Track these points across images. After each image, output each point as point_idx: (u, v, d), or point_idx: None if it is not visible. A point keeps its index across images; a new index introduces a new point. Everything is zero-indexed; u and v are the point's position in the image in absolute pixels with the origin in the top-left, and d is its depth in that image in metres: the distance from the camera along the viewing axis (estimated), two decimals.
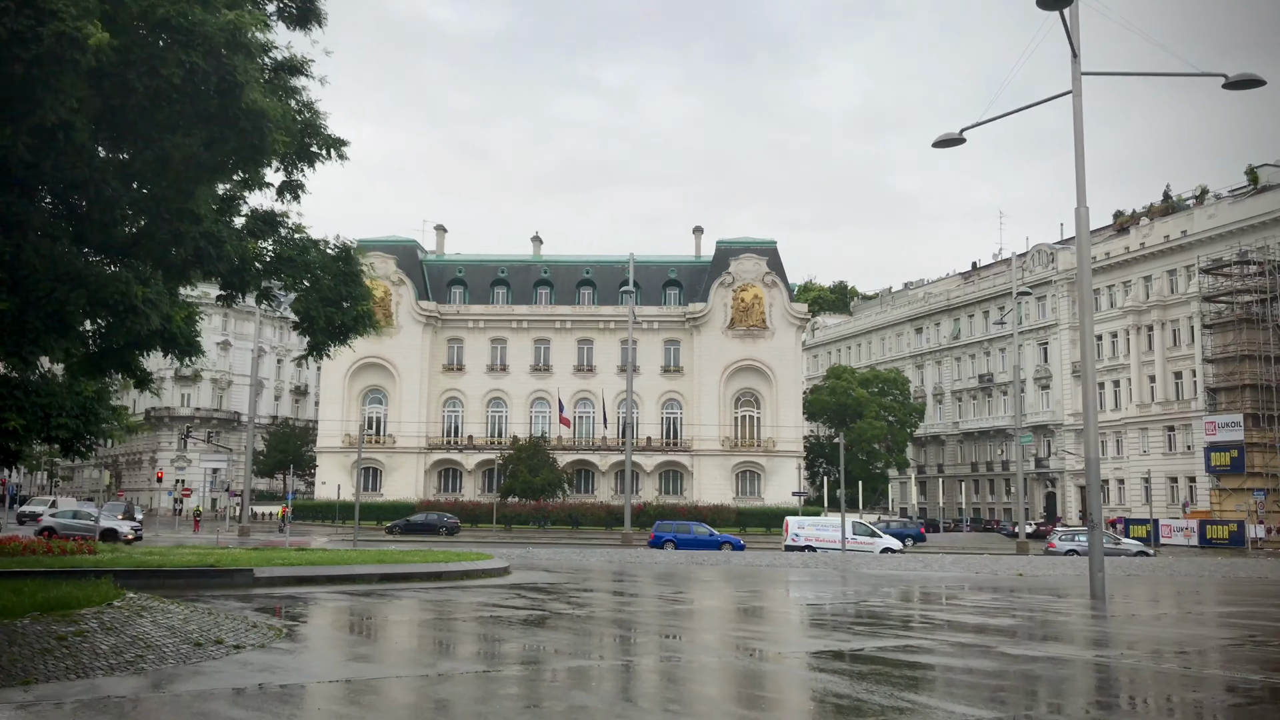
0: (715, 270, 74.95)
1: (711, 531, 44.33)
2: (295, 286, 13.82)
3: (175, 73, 8.71)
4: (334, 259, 13.88)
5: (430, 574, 23.53)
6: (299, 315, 13.93)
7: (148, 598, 12.82)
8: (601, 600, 19.64)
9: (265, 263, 13.69)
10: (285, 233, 13.90)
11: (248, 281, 13.48)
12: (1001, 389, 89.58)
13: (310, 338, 14.12)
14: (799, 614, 17.41)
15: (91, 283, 9.88)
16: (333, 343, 14.29)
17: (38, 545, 22.56)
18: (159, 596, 13.49)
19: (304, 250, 13.75)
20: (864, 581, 25.42)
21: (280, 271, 13.58)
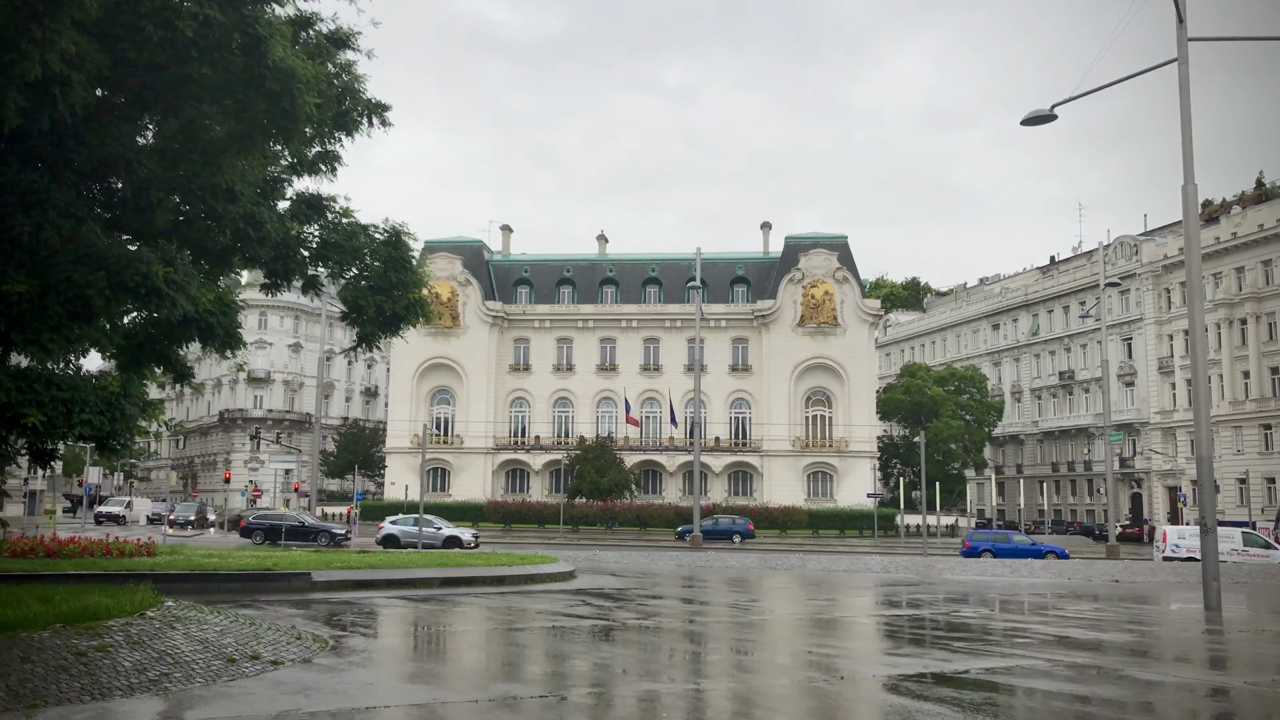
0: (784, 266, 73.32)
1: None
2: (343, 274, 12.92)
3: (189, 25, 7.82)
4: (383, 244, 12.94)
5: (493, 578, 22.62)
6: (347, 304, 13.03)
7: (187, 606, 12.01)
8: (671, 609, 18.49)
9: (311, 249, 12.81)
10: (332, 217, 13.02)
11: (292, 269, 12.61)
12: (1083, 386, 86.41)
13: (359, 328, 13.21)
14: (880, 625, 16.05)
15: (112, 264, 9.04)
16: (383, 333, 13.36)
17: (96, 547, 22.15)
18: (199, 605, 12.68)
19: (352, 235, 12.84)
20: (946, 588, 23.89)
21: (327, 258, 12.70)
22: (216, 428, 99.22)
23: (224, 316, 11.81)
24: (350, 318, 13.08)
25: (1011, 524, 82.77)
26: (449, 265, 74.99)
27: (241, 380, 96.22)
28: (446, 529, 40.52)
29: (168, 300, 9.20)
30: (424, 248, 78.14)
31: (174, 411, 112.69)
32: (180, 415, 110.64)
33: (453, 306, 74.57)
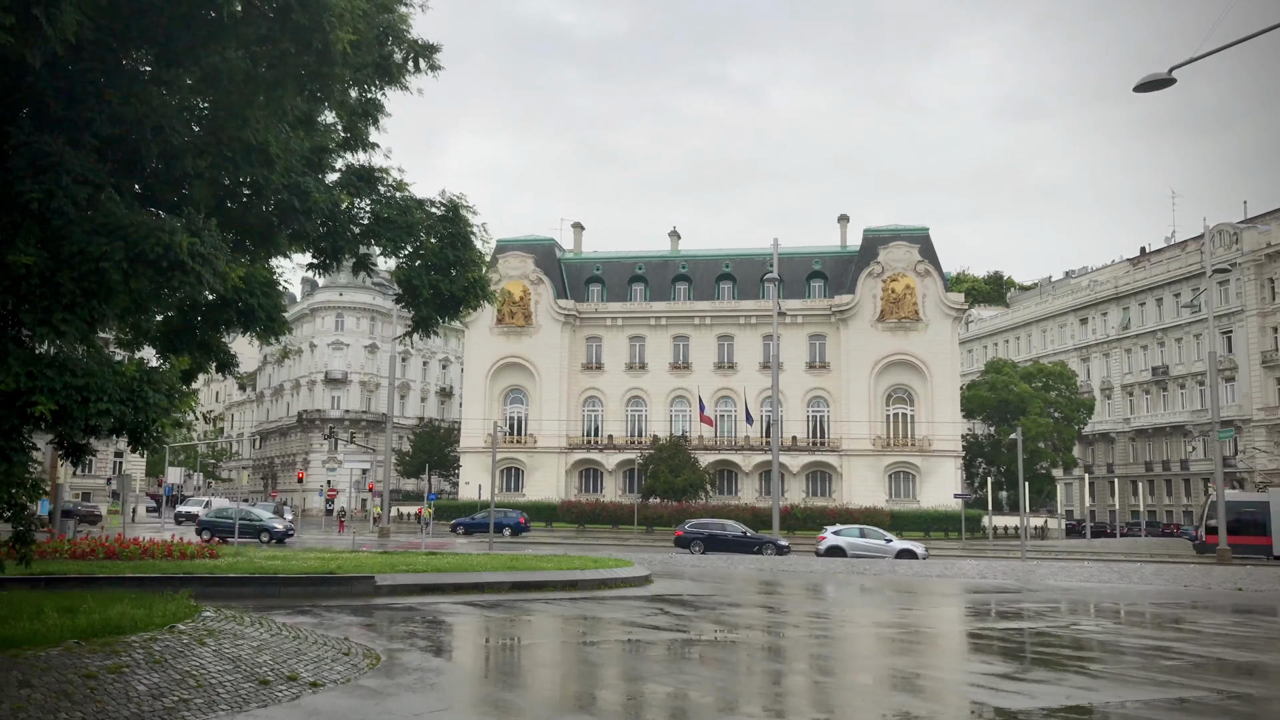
0: (862, 260, 71.07)
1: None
2: (397, 252, 11.75)
3: None
4: (440, 219, 11.74)
5: (565, 583, 21.41)
6: (401, 285, 11.85)
7: (227, 616, 10.95)
8: (755, 619, 17.02)
9: (362, 225, 11.65)
10: (385, 190, 11.85)
11: (341, 247, 11.47)
12: (1178, 382, 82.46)
13: (414, 311, 12.03)
14: (996, 642, 14.38)
15: (131, 234, 7.95)
16: (441, 316, 12.16)
17: (158, 549, 21.50)
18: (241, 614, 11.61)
19: (406, 210, 11.66)
20: (1051, 595, 21.99)
21: (379, 235, 11.53)
22: (295, 428, 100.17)
23: (265, 298, 10.71)
24: (405, 300, 11.92)
25: (1102, 525, 79.45)
26: (521, 264, 74.35)
27: (319, 381, 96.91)
28: (896, 542, 37.58)
29: (193, 275, 8.08)
30: (495, 246, 77.70)
31: (255, 414, 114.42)
32: (260, 417, 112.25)
33: (525, 305, 73.91)
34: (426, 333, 12.20)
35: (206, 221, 8.41)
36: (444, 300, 11.70)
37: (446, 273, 11.62)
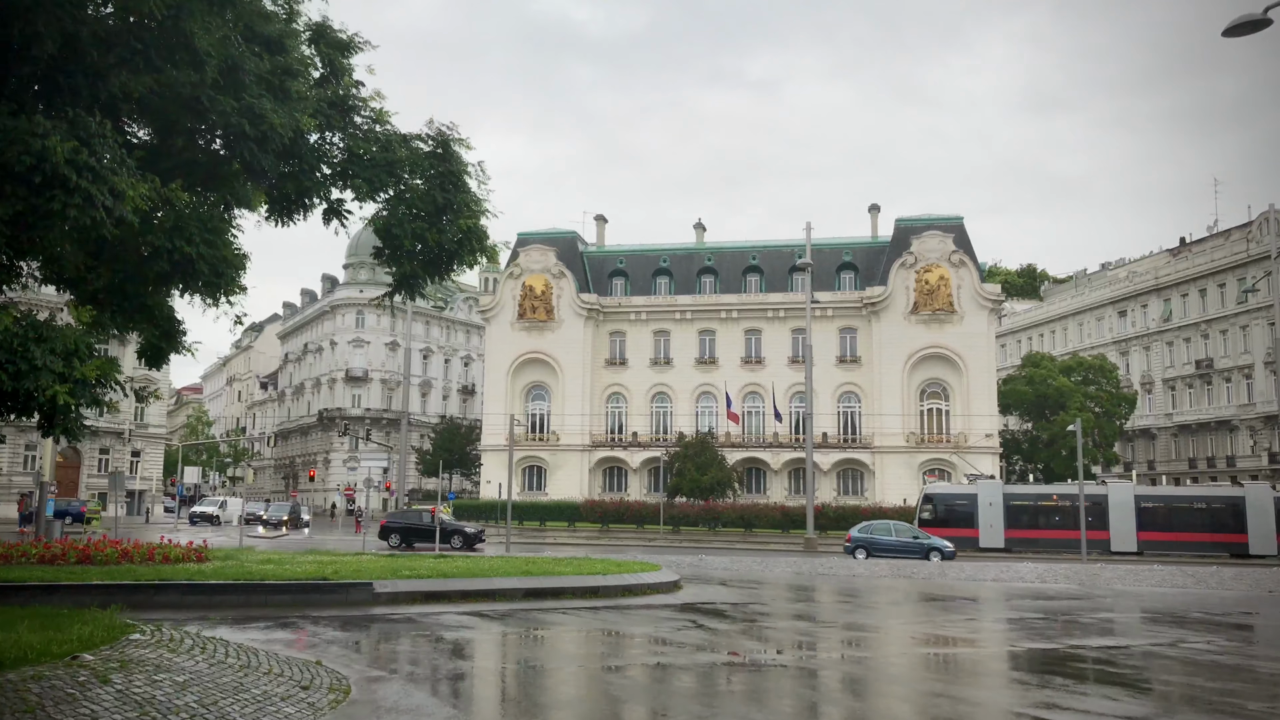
0: (894, 250, 68.54)
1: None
2: (374, 196, 9.71)
3: None
4: (428, 156, 9.69)
5: (586, 589, 19.32)
6: (380, 235, 9.85)
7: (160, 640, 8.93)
8: (802, 634, 14.87)
9: (333, 163, 9.60)
10: (362, 122, 9.81)
11: (308, 189, 9.45)
12: (1224, 375, 79.26)
13: (395, 268, 9.97)
14: (1088, 666, 12.14)
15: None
16: (429, 276, 10.11)
17: (137, 551, 19.58)
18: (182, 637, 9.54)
19: (387, 146, 9.63)
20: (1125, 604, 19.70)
21: (355, 176, 9.49)
22: (315, 427, 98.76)
23: (207, 247, 8.68)
24: (385, 255, 9.87)
25: None
26: (542, 257, 72.39)
27: (340, 379, 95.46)
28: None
29: (79, 194, 6.12)
30: (516, 239, 75.73)
31: (276, 413, 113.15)
32: (281, 416, 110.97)
33: (547, 300, 71.93)
34: (411, 294, 10.15)
35: (101, 125, 6.35)
36: (432, 254, 9.64)
37: (436, 220, 9.55)
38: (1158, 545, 45.04)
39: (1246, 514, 44.22)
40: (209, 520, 61.93)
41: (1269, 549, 42.97)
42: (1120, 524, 45.11)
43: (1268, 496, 45.02)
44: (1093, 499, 45.55)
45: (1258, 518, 44.06)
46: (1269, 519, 43.86)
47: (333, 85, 10.04)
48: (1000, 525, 46.11)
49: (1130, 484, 49.22)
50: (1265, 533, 43.84)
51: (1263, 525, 44.07)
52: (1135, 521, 45.37)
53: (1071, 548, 43.25)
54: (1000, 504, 46.59)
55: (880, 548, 35.29)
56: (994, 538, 45.60)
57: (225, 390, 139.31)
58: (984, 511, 46.21)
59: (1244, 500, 44.67)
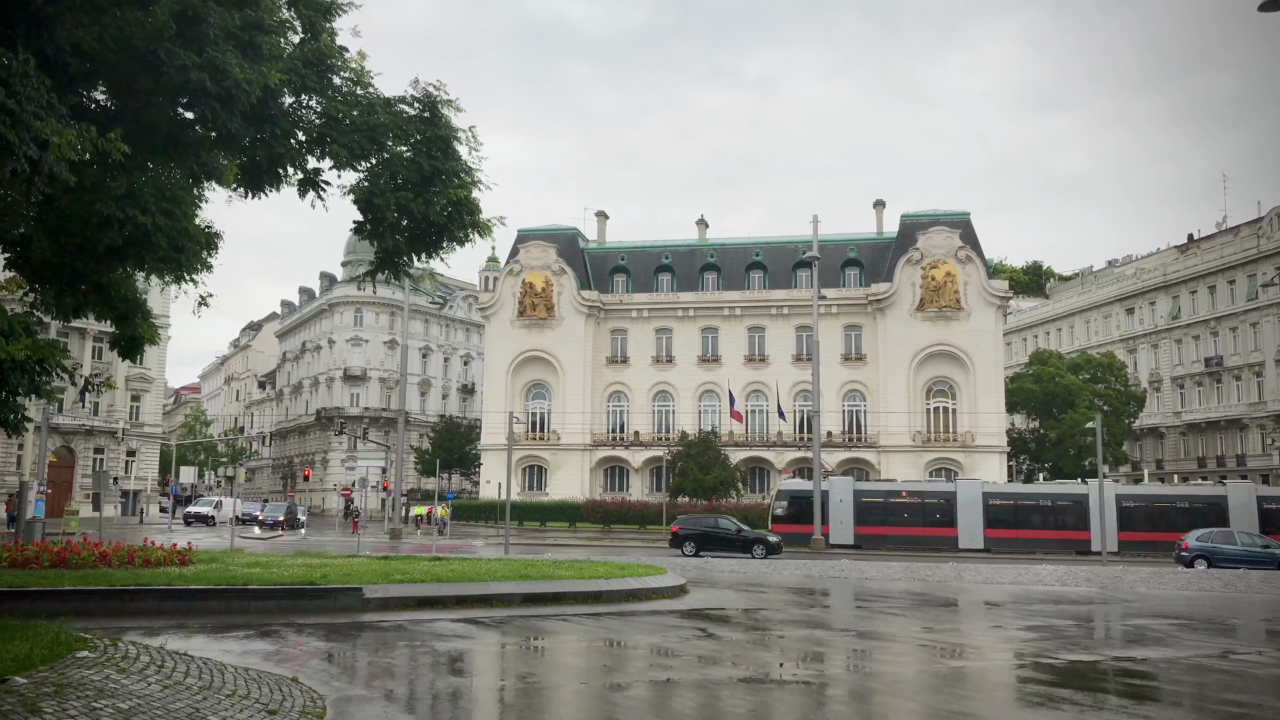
0: (900, 246, 67.55)
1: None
2: (354, 164, 8.75)
3: None
4: (413, 119, 8.72)
5: (588, 594, 18.37)
6: (360, 207, 8.86)
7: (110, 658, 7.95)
8: (818, 645, 13.87)
9: (309, 128, 8.62)
10: (341, 83, 8.84)
11: (281, 156, 8.47)
12: (1233, 373, 78.22)
13: (377, 244, 8.99)
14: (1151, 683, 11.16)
15: None
16: (416, 253, 9.13)
17: (116, 554, 18.60)
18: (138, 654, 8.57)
19: (369, 109, 8.65)
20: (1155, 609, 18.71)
21: (333, 142, 8.52)
22: (314, 426, 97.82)
23: (164, 217, 7.71)
24: (366, 230, 8.89)
25: None
26: (543, 254, 71.45)
27: (338, 378, 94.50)
28: None
29: None
30: (517, 235, 74.79)
31: (274, 412, 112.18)
32: (279, 415, 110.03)
33: (547, 297, 70.97)
34: (396, 273, 9.16)
35: (23, 64, 5.38)
36: (419, 228, 8.63)
37: (423, 190, 8.55)
38: (1005, 543, 44.94)
39: (1089, 513, 44.07)
40: (204, 521, 61.02)
41: (1110, 545, 42.58)
42: (968, 521, 45.16)
43: (1111, 491, 45.11)
44: (943, 496, 46.45)
45: (1098, 512, 43.38)
46: (1111, 515, 43.45)
47: (310, 44, 9.07)
48: (850, 522, 46.17)
49: (979, 481, 49.20)
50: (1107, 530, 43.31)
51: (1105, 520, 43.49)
52: (983, 519, 45.30)
53: (920, 544, 44.42)
54: (850, 501, 46.63)
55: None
56: (844, 534, 45.82)
57: (223, 390, 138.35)
58: (834, 508, 46.10)
59: (1087, 498, 44.64)
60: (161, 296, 74.83)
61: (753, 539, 36.33)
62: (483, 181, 9.14)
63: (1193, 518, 43.90)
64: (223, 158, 8.72)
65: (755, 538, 36.52)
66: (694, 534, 37.01)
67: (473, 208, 9.08)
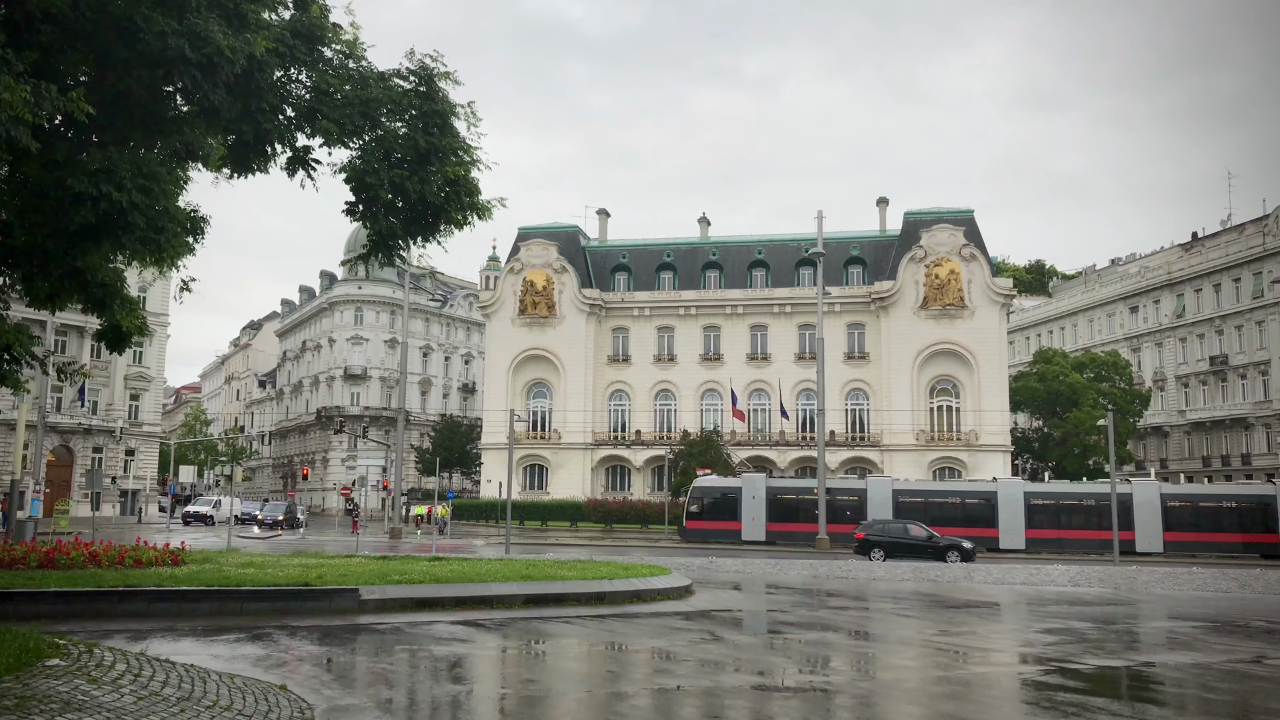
0: (903, 244, 66.98)
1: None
2: (346, 141, 8.24)
3: None
4: (407, 94, 8.22)
5: (590, 595, 17.87)
6: (352, 186, 8.35)
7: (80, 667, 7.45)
8: (833, 650, 13.36)
9: (298, 103, 8.11)
10: (332, 55, 8.32)
11: (268, 132, 7.96)
12: (1239, 372, 77.64)
13: (370, 226, 8.47)
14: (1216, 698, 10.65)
15: None
16: (411, 236, 8.62)
17: (107, 554, 18.09)
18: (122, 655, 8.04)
19: (362, 83, 8.14)
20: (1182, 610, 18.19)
21: (323, 117, 8.01)
22: (314, 426, 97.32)
23: (141, 195, 7.20)
24: (358, 211, 8.38)
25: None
26: (544, 252, 70.90)
27: (338, 377, 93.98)
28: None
29: None
30: (518, 233, 74.24)
31: (274, 411, 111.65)
32: (280, 415, 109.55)
33: (548, 295, 70.43)
34: (390, 257, 8.65)
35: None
36: (414, 209, 8.11)
37: (419, 168, 8.03)
38: None
39: (998, 508, 44.60)
40: (202, 520, 60.51)
41: (1016, 543, 43.85)
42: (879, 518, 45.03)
43: (1018, 489, 46.12)
44: (853, 493, 47.01)
45: (1007, 509, 44.55)
46: (1018, 512, 44.71)
47: (300, 16, 8.56)
48: (762, 519, 46.53)
49: (889, 479, 49.66)
50: (1014, 527, 44.54)
51: (1012, 518, 44.67)
52: (893, 515, 45.14)
53: (831, 540, 44.02)
54: (763, 498, 46.92)
55: None
56: (756, 531, 46.07)
57: (224, 389, 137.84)
58: (747, 505, 46.44)
59: (996, 495, 45.30)
60: (160, 294, 74.52)
61: (945, 545, 34.78)
62: (482, 161, 8.73)
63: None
64: (207, 135, 8.22)
65: (948, 544, 34.89)
66: (882, 541, 35.93)
67: (471, 188, 8.58)
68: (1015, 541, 44.09)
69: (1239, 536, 43.68)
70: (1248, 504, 44.42)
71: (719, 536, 45.51)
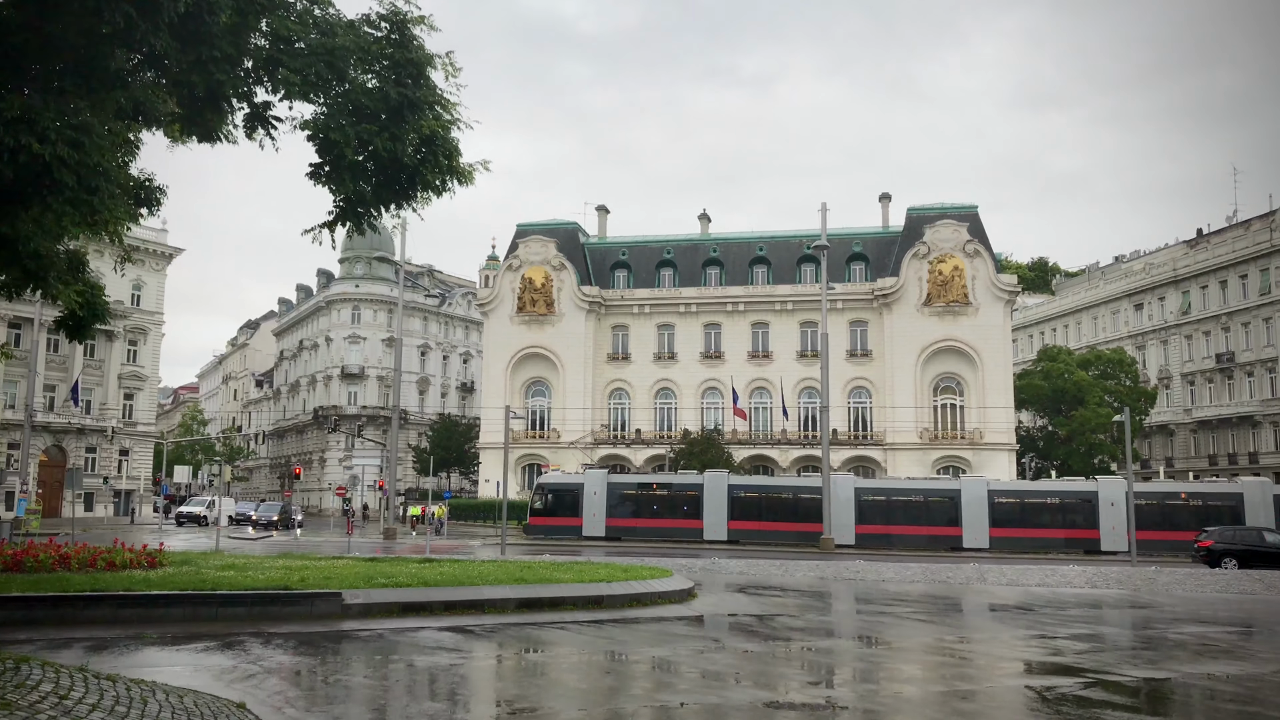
0: (906, 240, 66.06)
1: None
2: (309, 95, 7.33)
3: None
4: (378, 41, 7.29)
5: (587, 599, 16.96)
6: (317, 146, 7.42)
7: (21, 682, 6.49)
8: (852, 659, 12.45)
9: (256, 52, 7.20)
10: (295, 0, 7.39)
11: (221, 85, 7.05)
12: (1245, 369, 76.73)
13: (337, 190, 7.55)
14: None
15: None
16: (384, 203, 7.68)
17: (79, 556, 17.18)
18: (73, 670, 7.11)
19: (328, 31, 7.23)
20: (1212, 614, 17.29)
21: (284, 67, 7.10)
22: (311, 426, 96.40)
23: (70, 149, 6.26)
24: (324, 174, 7.46)
25: None
26: (542, 249, 69.98)
27: (335, 376, 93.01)
28: None
29: None
30: (516, 230, 73.32)
31: (271, 411, 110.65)
32: (277, 414, 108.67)
33: (547, 292, 69.52)
34: (359, 225, 7.70)
35: None
36: (386, 171, 7.17)
37: (391, 124, 7.10)
38: (748, 534, 45.44)
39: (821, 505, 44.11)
40: (196, 521, 59.55)
41: (847, 538, 43.78)
42: (713, 514, 45.80)
43: (850, 484, 45.95)
44: (692, 488, 47.04)
45: (838, 507, 44.18)
46: (849, 509, 44.44)
47: None
48: (603, 514, 46.83)
49: (724, 474, 49.08)
50: (844, 523, 44.38)
51: (842, 515, 44.26)
52: (727, 513, 45.96)
53: (670, 535, 45.00)
54: (604, 493, 47.21)
55: None
56: (596, 526, 46.36)
57: (221, 389, 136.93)
58: (588, 501, 46.83)
59: (819, 491, 44.49)
60: (154, 292, 73.61)
61: None
62: (462, 119, 7.81)
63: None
64: (155, 91, 7.31)
65: None
66: (1235, 549, 32.86)
67: (450, 148, 7.66)
68: (846, 536, 43.96)
69: (1062, 532, 44.13)
70: (1072, 501, 45.00)
71: (561, 533, 45.91)
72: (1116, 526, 42.52)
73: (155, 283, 73.87)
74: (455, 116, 7.78)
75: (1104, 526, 43.22)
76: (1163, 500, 44.11)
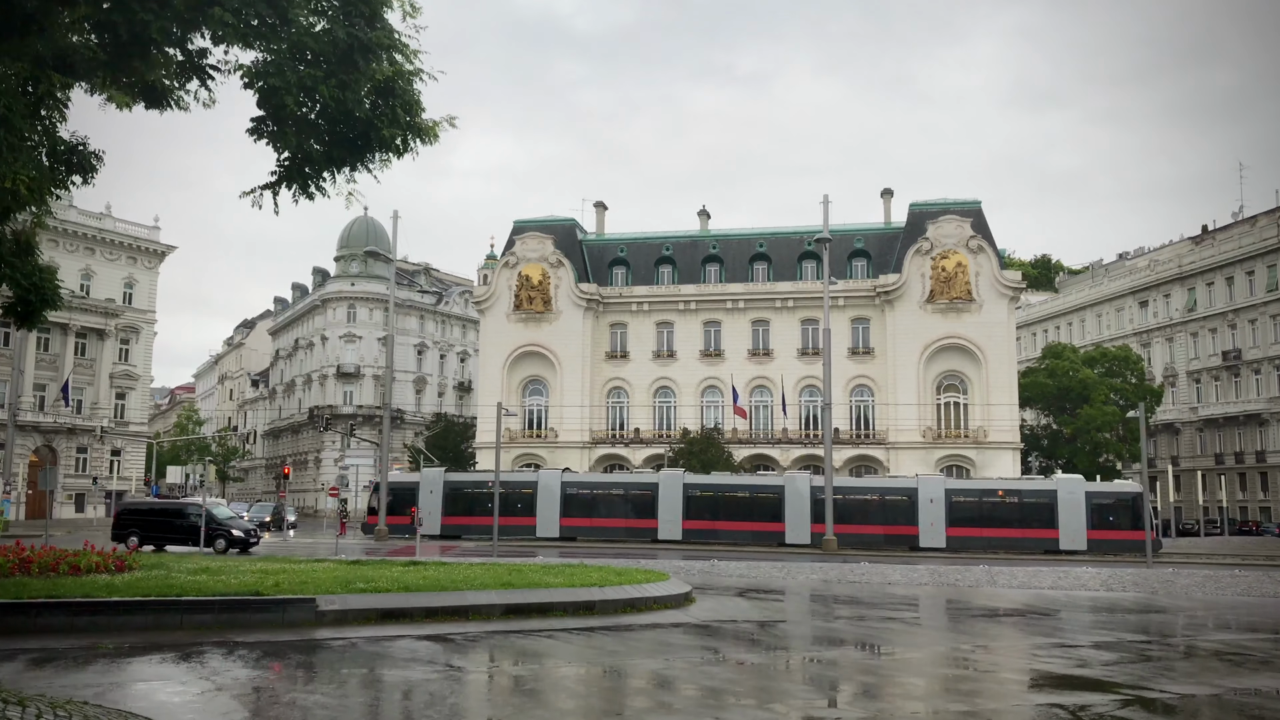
0: (909, 236, 65.10)
1: None
2: (249, 41, 6.40)
3: None
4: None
5: (579, 605, 16.01)
6: (257, 96, 6.48)
7: None
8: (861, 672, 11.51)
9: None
10: None
11: (146, 27, 6.09)
12: (1252, 367, 75.87)
13: (280, 148, 6.61)
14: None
15: None
16: (336, 164, 6.73)
17: (40, 559, 16.24)
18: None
19: None
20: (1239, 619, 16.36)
21: (219, 3, 6.17)
22: (307, 425, 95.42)
23: None
24: (266, 127, 6.53)
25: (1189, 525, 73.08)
26: (540, 245, 69.00)
27: (331, 375, 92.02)
28: None
29: None
30: (513, 226, 72.43)
31: (267, 411, 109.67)
32: (272, 414, 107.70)
33: (544, 290, 68.54)
34: (306, 187, 6.77)
35: None
36: (337, 124, 6.22)
37: (340, 69, 6.15)
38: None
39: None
40: None
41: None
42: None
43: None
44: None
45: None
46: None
47: None
48: (438, 512, 46.63)
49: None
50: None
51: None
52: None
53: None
54: (440, 491, 47.10)
55: None
56: (432, 524, 45.93)
57: (217, 389, 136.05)
58: (424, 499, 46.45)
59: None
60: (147, 290, 72.66)
61: None
62: (424, 69, 6.83)
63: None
64: (73, 33, 6.39)
65: None
66: None
67: (409, 100, 6.69)
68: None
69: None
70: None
71: (397, 531, 45.26)
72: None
73: (147, 281, 72.96)
74: (416, 66, 6.83)
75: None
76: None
